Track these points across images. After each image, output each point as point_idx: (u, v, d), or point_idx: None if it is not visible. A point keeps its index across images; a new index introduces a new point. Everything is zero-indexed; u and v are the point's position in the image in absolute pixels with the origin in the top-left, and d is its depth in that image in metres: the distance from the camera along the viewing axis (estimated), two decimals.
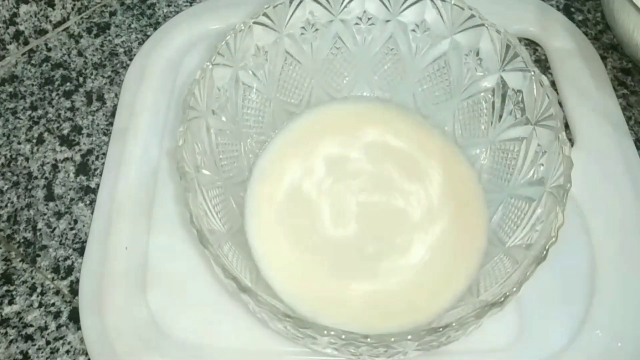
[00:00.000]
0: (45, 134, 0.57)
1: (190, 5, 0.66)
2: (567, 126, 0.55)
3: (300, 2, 0.48)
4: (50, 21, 0.64)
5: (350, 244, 0.47)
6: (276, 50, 0.50)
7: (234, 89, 0.48)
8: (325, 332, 0.34)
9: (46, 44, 0.63)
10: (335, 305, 0.44)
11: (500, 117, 0.48)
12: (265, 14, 0.47)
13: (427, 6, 0.49)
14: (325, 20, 0.51)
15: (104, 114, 0.58)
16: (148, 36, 0.63)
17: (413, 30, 0.51)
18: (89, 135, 0.57)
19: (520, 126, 0.46)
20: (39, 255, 0.50)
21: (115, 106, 0.58)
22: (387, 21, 0.51)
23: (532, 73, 0.44)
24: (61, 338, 0.46)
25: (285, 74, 0.52)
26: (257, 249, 0.47)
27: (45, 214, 0.52)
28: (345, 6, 0.50)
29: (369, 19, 0.51)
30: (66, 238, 0.51)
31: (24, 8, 0.61)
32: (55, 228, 0.51)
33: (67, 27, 0.65)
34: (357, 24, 0.52)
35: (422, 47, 0.52)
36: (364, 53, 0.54)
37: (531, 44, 0.62)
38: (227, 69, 0.46)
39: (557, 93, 0.57)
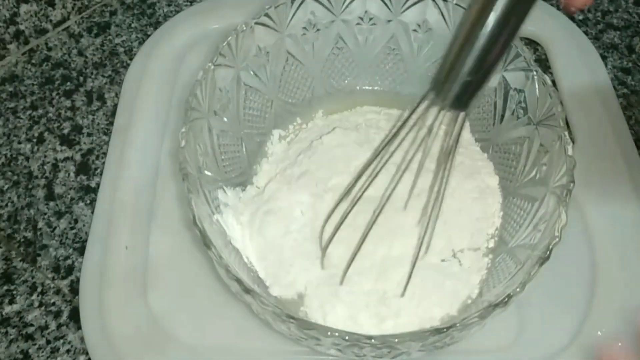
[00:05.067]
0: (46, 134, 0.57)
1: (191, 5, 0.66)
2: (567, 126, 0.55)
3: (301, 3, 0.48)
4: (51, 21, 0.63)
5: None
6: (277, 50, 0.50)
7: (235, 89, 0.48)
8: (329, 333, 0.34)
9: (46, 44, 0.63)
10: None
11: (502, 117, 0.48)
12: (266, 14, 0.47)
13: (428, 6, 0.49)
14: (327, 21, 0.51)
15: (104, 114, 0.58)
16: (148, 36, 0.63)
17: (415, 30, 0.51)
18: (89, 134, 0.57)
19: (523, 126, 0.46)
20: (39, 255, 0.50)
21: (115, 105, 0.58)
22: (389, 21, 0.51)
23: (534, 73, 0.44)
24: (61, 337, 0.46)
25: (286, 74, 0.52)
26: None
27: (45, 214, 0.52)
28: (347, 6, 0.50)
29: (370, 19, 0.51)
30: (66, 237, 0.51)
31: (24, 7, 0.61)
32: (55, 227, 0.51)
33: (68, 27, 0.65)
34: (358, 24, 0.52)
35: (424, 47, 0.52)
36: (365, 53, 0.54)
37: (531, 44, 0.62)
38: (228, 69, 0.46)
39: (558, 93, 0.57)
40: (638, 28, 0.65)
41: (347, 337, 0.34)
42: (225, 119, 0.47)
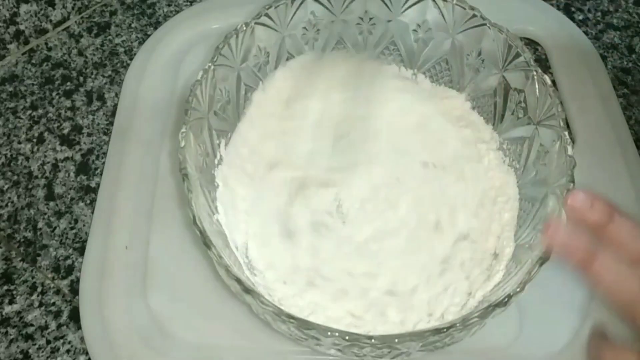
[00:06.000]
0: (46, 134, 0.57)
1: (191, 5, 0.66)
2: (567, 126, 0.55)
3: (301, 3, 0.48)
4: (51, 21, 0.63)
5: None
6: (277, 50, 0.50)
7: (235, 89, 0.48)
8: (329, 333, 0.34)
9: (46, 44, 0.63)
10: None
11: (502, 117, 0.48)
12: (266, 14, 0.47)
13: (428, 6, 0.49)
14: (327, 21, 0.51)
15: (104, 114, 0.58)
16: (148, 36, 0.63)
17: (415, 30, 0.51)
18: (89, 134, 0.57)
19: (523, 126, 0.46)
20: (39, 255, 0.50)
21: (115, 106, 0.58)
22: (389, 21, 0.51)
23: (535, 73, 0.44)
24: (61, 337, 0.46)
25: None
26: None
27: (45, 214, 0.52)
28: (347, 6, 0.50)
29: (370, 19, 0.51)
30: (66, 237, 0.51)
31: (24, 7, 0.61)
32: (55, 227, 0.51)
33: (68, 27, 0.65)
34: (358, 24, 0.52)
35: (424, 47, 0.52)
36: (365, 53, 0.54)
37: (531, 44, 0.62)
38: (228, 69, 0.46)
39: (558, 93, 0.57)
40: (638, 28, 0.65)
41: (347, 337, 0.34)
42: (225, 119, 0.47)
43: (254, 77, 0.49)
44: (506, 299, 0.35)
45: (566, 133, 0.41)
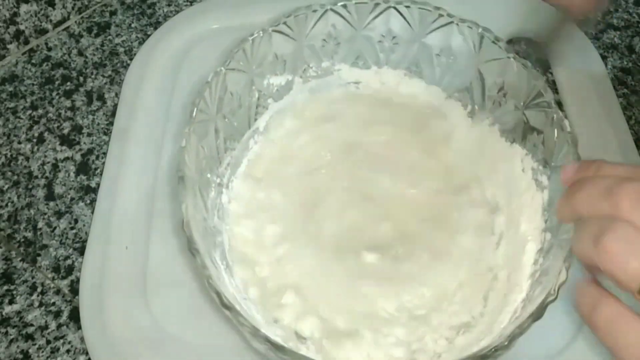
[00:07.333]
0: (46, 134, 0.57)
1: (191, 5, 0.66)
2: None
3: (322, 14, 0.48)
4: (51, 21, 0.63)
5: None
6: (295, 59, 0.50)
7: (247, 94, 0.48)
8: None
9: (46, 44, 0.63)
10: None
11: None
12: (285, 23, 0.47)
13: (453, 32, 0.47)
14: (348, 35, 0.50)
15: (104, 114, 0.58)
16: (148, 36, 0.63)
17: (438, 55, 0.49)
18: (89, 134, 0.57)
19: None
20: (39, 255, 0.50)
21: (115, 106, 0.58)
22: (412, 42, 0.50)
23: (554, 116, 0.42)
24: (61, 337, 0.46)
25: None
26: None
27: (45, 214, 0.52)
28: (369, 22, 0.49)
29: (393, 37, 0.50)
30: (66, 237, 0.51)
31: (24, 7, 0.61)
32: (55, 227, 0.51)
33: (68, 27, 0.65)
34: (380, 41, 0.50)
35: (446, 74, 0.50)
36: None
37: (531, 44, 0.62)
38: (241, 74, 0.46)
39: (557, 93, 0.57)
40: (638, 28, 0.65)
41: None
42: (235, 123, 0.47)
43: (268, 83, 0.50)
44: (491, 351, 0.34)
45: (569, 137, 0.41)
